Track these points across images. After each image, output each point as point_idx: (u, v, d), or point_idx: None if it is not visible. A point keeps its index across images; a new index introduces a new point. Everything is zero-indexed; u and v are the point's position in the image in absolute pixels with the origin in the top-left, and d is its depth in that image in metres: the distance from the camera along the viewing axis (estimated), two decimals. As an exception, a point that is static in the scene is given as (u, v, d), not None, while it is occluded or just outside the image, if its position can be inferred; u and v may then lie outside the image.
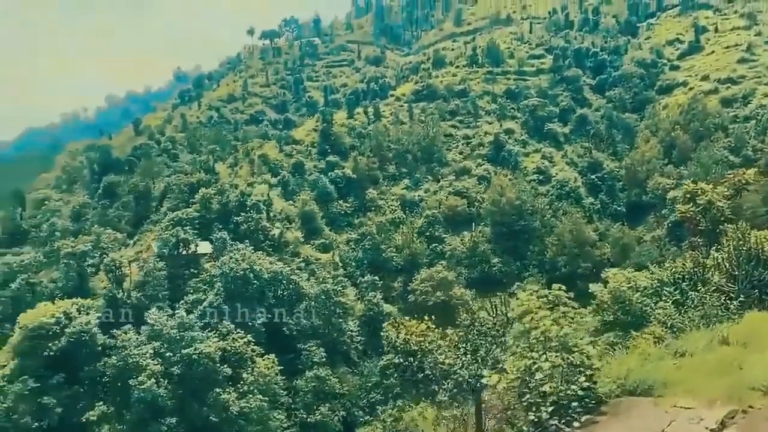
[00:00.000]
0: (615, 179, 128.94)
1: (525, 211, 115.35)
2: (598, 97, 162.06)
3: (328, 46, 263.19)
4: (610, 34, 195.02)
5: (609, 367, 11.44)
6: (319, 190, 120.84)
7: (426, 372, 22.21)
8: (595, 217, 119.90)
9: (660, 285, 26.43)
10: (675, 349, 12.87)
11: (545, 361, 8.96)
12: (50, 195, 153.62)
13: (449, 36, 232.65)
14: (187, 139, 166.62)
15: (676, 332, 18.03)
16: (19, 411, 62.27)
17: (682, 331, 17.53)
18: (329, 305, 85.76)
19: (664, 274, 27.60)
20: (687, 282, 24.34)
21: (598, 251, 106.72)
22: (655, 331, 19.52)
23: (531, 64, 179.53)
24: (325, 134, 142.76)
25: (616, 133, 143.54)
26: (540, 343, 9.13)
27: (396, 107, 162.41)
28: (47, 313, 68.02)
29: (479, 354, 20.76)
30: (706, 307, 19.55)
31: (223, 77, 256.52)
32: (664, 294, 24.36)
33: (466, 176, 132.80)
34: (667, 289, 24.65)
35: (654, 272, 31.26)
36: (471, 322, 25.04)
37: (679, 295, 23.19)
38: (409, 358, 24.57)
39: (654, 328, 20.10)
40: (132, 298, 79.41)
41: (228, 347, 71.42)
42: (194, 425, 66.67)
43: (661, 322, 20.51)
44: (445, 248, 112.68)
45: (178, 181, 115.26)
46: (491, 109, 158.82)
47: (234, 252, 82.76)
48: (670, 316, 20.39)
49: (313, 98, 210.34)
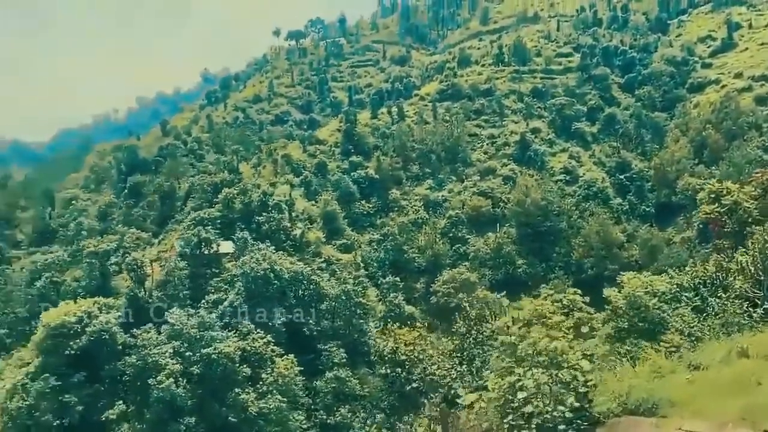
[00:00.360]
0: (644, 179, 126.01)
1: (551, 211, 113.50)
2: (627, 95, 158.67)
3: (354, 46, 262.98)
4: (640, 32, 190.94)
5: (612, 382, 10.44)
6: (342, 190, 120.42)
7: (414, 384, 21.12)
8: (623, 218, 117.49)
9: (679, 290, 25.03)
10: (689, 362, 11.76)
11: (530, 378, 8.02)
12: (78, 194, 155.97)
13: (475, 35, 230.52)
14: (212, 140, 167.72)
15: (694, 341, 16.85)
16: (41, 409, 62.69)
17: (701, 341, 16.36)
18: (350, 306, 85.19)
19: (684, 278, 26.16)
20: (708, 287, 22.96)
21: (625, 253, 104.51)
22: (673, 339, 18.33)
23: (558, 63, 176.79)
24: (349, 134, 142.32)
25: (645, 132, 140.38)
26: (528, 358, 8.18)
27: (420, 107, 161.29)
28: (69, 312, 68.45)
29: (475, 364, 19.64)
30: (727, 315, 18.28)
31: (250, 78, 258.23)
32: (684, 300, 23.02)
33: (490, 176, 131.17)
34: (686, 294, 23.28)
35: (673, 276, 29.73)
36: (467, 329, 23.97)
37: (699, 302, 21.86)
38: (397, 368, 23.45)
39: (672, 336, 18.89)
40: (153, 297, 79.71)
41: (248, 347, 71.21)
42: (213, 425, 66.57)
43: (679, 330, 19.24)
44: (469, 249, 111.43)
45: (201, 181, 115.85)
46: (517, 108, 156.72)
47: (255, 252, 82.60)
48: (688, 323, 19.12)
49: (337, 98, 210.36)
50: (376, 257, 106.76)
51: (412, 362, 48.25)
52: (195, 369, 67.39)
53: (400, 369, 58.87)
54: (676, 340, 18.13)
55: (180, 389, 64.51)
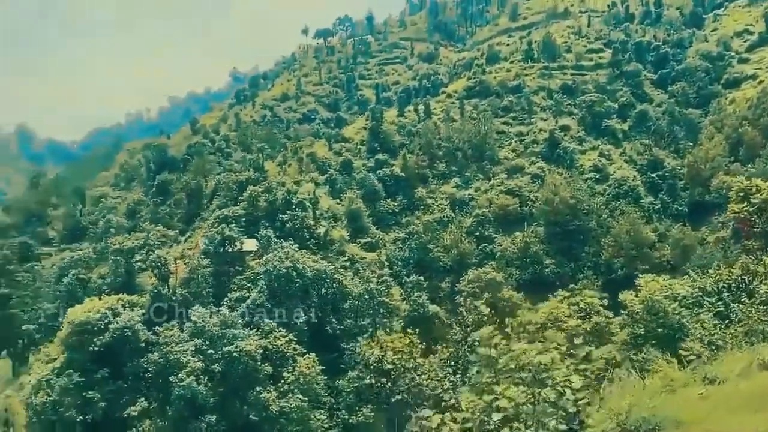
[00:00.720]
0: (676, 178, 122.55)
1: (580, 210, 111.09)
2: (660, 92, 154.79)
3: (381, 44, 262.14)
4: (674, 27, 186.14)
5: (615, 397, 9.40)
6: (367, 188, 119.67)
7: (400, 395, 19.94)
8: (655, 218, 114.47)
9: (702, 294, 23.45)
10: (704, 374, 10.61)
11: (505, 398, 7.06)
12: (108, 192, 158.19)
13: (504, 31, 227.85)
14: (239, 138, 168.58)
15: (714, 350, 15.58)
16: (65, 404, 63.26)
17: (721, 350, 15.07)
18: (373, 305, 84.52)
19: (708, 281, 24.54)
20: (732, 292, 21.42)
21: (657, 253, 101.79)
22: (693, 347, 17.03)
23: (589, 59, 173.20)
24: (375, 132, 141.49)
25: (679, 129, 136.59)
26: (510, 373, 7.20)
27: (447, 104, 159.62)
28: (93, 309, 69.04)
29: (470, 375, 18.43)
30: (751, 322, 16.91)
31: (278, 77, 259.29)
32: (706, 305, 21.53)
33: (518, 174, 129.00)
34: (708, 299, 21.78)
35: (696, 279, 27.95)
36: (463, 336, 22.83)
37: (722, 307, 20.40)
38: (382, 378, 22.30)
39: (692, 345, 17.57)
40: (177, 294, 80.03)
41: (269, 345, 71.04)
42: (235, 423, 66.49)
43: (698, 337, 17.89)
44: (495, 249, 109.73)
45: (227, 179, 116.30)
46: (546, 105, 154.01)
47: (278, 250, 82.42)
48: (708, 331, 17.77)
49: (365, 96, 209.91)
50: (400, 256, 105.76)
51: (399, 371, 45.66)
52: (217, 367, 67.46)
53: (385, 379, 56.04)
54: (696, 348, 16.87)
55: (201, 387, 64.58)
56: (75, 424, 63.25)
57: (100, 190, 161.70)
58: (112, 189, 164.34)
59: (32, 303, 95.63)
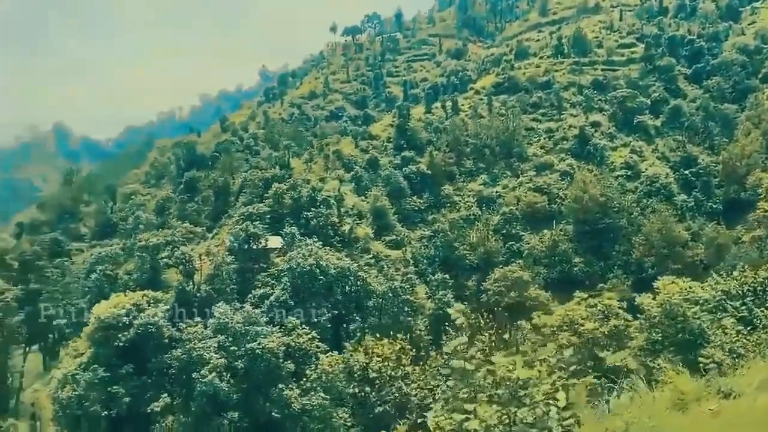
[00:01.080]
0: (711, 175, 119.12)
1: (610, 208, 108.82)
2: (694, 87, 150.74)
3: (410, 41, 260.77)
4: (709, 20, 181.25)
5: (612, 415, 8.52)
6: (392, 185, 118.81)
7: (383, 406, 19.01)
8: (688, 216, 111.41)
9: (725, 298, 22.09)
10: (719, 387, 9.62)
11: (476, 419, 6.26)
12: (138, 189, 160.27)
13: (534, 26, 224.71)
14: (266, 136, 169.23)
15: (735, 359, 14.46)
16: (90, 399, 63.81)
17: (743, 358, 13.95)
18: (397, 303, 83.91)
19: (731, 284, 23.15)
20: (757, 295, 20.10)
21: (690, 252, 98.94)
22: (714, 355, 15.90)
23: (621, 54, 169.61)
24: (402, 129, 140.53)
25: (714, 125, 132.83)
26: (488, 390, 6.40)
27: (475, 101, 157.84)
28: (119, 305, 69.56)
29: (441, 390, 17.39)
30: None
31: (306, 75, 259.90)
32: (730, 309, 20.21)
33: (547, 171, 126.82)
34: (732, 303, 20.46)
35: (719, 282, 26.43)
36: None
37: (746, 312, 19.12)
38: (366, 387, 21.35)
39: (713, 352, 16.43)
40: (201, 291, 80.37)
41: (292, 343, 70.76)
42: (257, 420, 66.38)
43: (718, 345, 16.71)
44: (523, 247, 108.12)
45: (253, 176, 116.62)
46: (576, 101, 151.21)
47: (301, 247, 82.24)
48: (731, 337, 16.58)
49: (392, 93, 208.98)
50: (426, 254, 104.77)
51: (384, 380, 43.25)
52: (239, 364, 67.39)
53: (369, 388, 53.85)
54: (717, 355, 15.74)
55: (224, 383, 64.57)
56: (100, 419, 63.78)
57: (131, 187, 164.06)
58: (143, 186, 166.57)
59: (62, 298, 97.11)
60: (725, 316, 19.91)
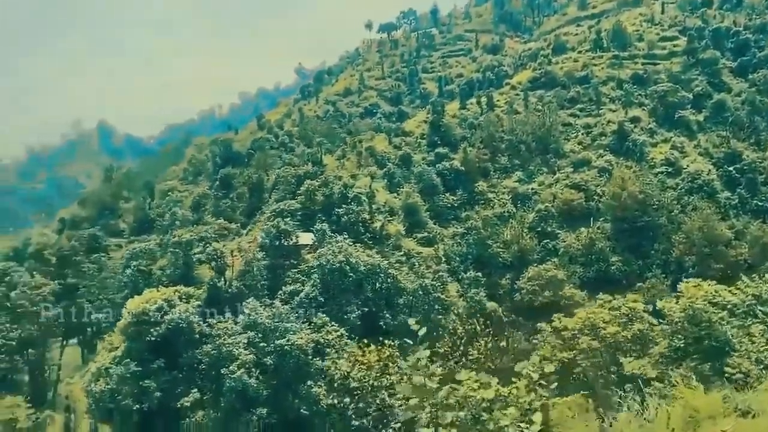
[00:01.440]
0: (756, 171, 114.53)
1: (650, 205, 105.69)
2: (739, 80, 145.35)
3: (445, 36, 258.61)
4: (756, 11, 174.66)
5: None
6: (425, 182, 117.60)
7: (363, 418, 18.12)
8: (732, 214, 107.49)
9: (755, 302, 20.46)
10: (736, 404, 8.61)
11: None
12: (176, 186, 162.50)
13: (572, 20, 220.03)
14: (300, 132, 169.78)
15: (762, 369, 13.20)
16: (122, 393, 64.76)
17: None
18: (428, 301, 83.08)
19: (762, 288, 21.51)
20: (790, 300, 18.60)
21: (733, 251, 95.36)
22: (741, 364, 14.59)
23: (662, 47, 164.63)
24: (435, 126, 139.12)
25: (760, 120, 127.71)
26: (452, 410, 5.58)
27: (511, 96, 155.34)
28: (151, 300, 70.43)
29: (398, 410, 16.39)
30: (810, 337, 14.36)
31: (342, 72, 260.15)
32: (760, 314, 18.71)
33: (585, 168, 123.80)
34: (762, 308, 18.92)
35: (749, 285, 24.63)
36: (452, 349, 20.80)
37: (776, 318, 17.67)
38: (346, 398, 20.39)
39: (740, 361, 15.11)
40: (232, 287, 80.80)
41: (321, 340, 70.66)
42: (286, 417, 66.48)
43: (744, 353, 15.37)
44: (559, 245, 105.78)
45: (285, 173, 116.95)
46: (615, 95, 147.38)
47: (331, 244, 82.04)
48: (758, 346, 15.22)
49: (427, 90, 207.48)
50: (458, 251, 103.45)
51: (366, 391, 40.35)
52: (268, 360, 67.63)
53: (349, 399, 50.91)
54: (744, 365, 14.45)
55: (252, 380, 64.83)
56: (132, 413, 64.68)
57: (169, 183, 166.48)
58: (180, 183, 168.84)
59: (98, 293, 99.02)
60: (755, 322, 18.47)
